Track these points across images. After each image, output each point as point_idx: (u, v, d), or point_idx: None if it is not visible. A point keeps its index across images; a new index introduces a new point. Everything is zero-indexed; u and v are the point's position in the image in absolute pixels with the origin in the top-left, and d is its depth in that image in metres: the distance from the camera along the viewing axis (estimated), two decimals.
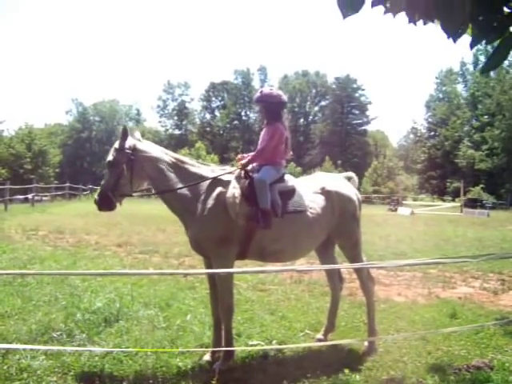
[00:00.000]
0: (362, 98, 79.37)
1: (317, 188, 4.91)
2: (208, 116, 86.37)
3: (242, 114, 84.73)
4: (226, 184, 4.51)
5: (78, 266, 8.51)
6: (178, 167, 4.62)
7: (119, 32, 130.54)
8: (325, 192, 4.88)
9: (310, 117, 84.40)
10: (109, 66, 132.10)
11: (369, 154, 74.59)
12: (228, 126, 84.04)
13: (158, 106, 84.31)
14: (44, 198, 32.04)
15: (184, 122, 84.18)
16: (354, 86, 78.47)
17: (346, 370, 4.10)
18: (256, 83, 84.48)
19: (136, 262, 9.40)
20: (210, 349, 4.45)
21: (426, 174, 63.42)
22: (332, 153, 66.63)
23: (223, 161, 68.55)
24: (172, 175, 4.57)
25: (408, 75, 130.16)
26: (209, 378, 3.89)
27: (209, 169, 4.76)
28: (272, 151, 4.77)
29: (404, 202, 43.93)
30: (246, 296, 6.74)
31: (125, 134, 4.60)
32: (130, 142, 4.60)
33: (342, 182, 5.25)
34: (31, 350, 4.24)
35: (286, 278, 8.24)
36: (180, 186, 4.52)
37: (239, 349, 4.52)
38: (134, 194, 4.74)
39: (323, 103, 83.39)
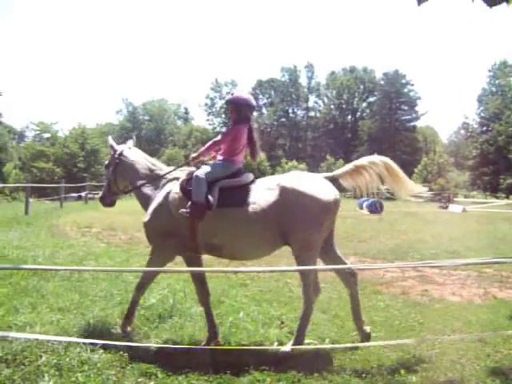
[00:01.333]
0: (411, 94, 77.67)
1: (272, 184, 4.81)
2: (255, 113, 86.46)
3: (289, 111, 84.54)
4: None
5: (131, 263, 8.68)
6: (150, 170, 5.32)
7: (168, 31, 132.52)
8: (279, 188, 4.72)
9: (358, 113, 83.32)
10: (158, 66, 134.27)
11: (418, 150, 72.98)
12: (275, 123, 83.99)
13: (206, 105, 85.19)
14: (96, 196, 32.85)
15: None
16: (403, 81, 76.87)
17: (402, 371, 4.03)
18: (303, 80, 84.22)
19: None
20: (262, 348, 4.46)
21: (478, 171, 61.42)
22: (380, 149, 65.22)
23: (271, 158, 68.70)
24: (143, 176, 5.27)
25: (459, 69, 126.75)
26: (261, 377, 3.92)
27: (177, 171, 5.29)
28: (225, 149, 5.11)
29: (455, 199, 42.86)
30: (297, 294, 6.71)
31: (111, 144, 5.61)
32: (119, 149, 5.49)
33: (307, 180, 4.90)
34: (90, 343, 4.37)
35: (335, 275, 8.16)
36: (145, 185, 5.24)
37: (290, 347, 4.50)
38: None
39: (371, 99, 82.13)
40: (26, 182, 32.25)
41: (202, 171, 4.87)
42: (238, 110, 5.21)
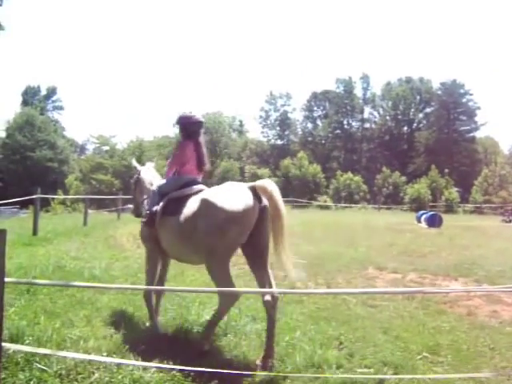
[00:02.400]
0: (470, 103, 75.32)
1: (201, 195, 5.13)
2: (310, 126, 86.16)
3: (344, 122, 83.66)
4: None
5: (186, 276, 8.61)
6: (151, 185, 6.13)
7: (222, 45, 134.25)
8: (200, 198, 5.00)
9: (415, 124, 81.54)
10: (213, 79, 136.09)
11: (478, 161, 70.61)
12: (330, 135, 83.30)
13: (261, 117, 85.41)
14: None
15: (286, 132, 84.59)
16: (462, 90, 74.75)
17: None
18: (358, 91, 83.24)
19: (242, 273, 9.34)
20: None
21: None
22: (438, 161, 63.68)
23: (325, 170, 68.12)
24: (146, 192, 6.15)
25: None
26: None
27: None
28: (173, 164, 5.85)
29: None
30: (356, 312, 6.44)
31: (134, 165, 6.82)
32: (139, 169, 6.55)
33: (223, 191, 5.05)
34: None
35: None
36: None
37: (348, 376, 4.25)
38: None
39: (428, 110, 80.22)
40: (85, 193, 33.17)
41: (156, 185, 5.84)
42: (182, 129, 5.97)
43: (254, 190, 4.90)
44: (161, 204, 5.43)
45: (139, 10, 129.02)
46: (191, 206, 5.06)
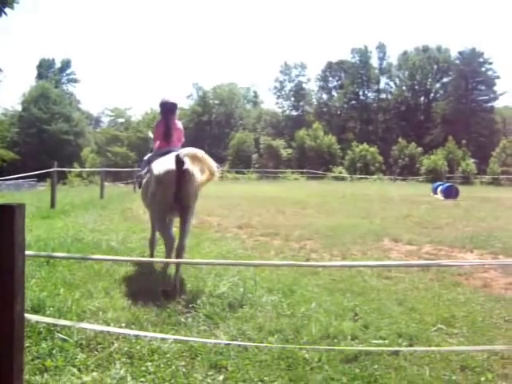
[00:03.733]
0: (489, 73, 73.97)
1: None
2: (325, 96, 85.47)
3: (360, 93, 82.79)
4: None
5: (202, 248, 8.68)
6: None
7: (235, 16, 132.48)
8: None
9: (432, 94, 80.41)
10: (227, 50, 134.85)
11: (496, 132, 69.72)
12: (345, 106, 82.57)
13: (275, 88, 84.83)
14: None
15: (301, 103, 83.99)
16: (480, 59, 73.30)
17: (489, 375, 3.72)
18: (374, 61, 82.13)
19: (257, 245, 9.42)
20: None
21: None
22: (455, 132, 62.98)
23: (341, 141, 67.68)
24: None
25: None
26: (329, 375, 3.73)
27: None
28: (154, 139, 7.14)
29: None
30: (371, 284, 6.45)
31: (150, 137, 7.69)
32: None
33: (162, 159, 6.17)
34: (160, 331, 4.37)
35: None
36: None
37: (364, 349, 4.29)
38: None
39: (445, 80, 78.94)
40: (101, 165, 33.35)
41: (147, 156, 7.27)
42: (160, 110, 7.05)
43: (177, 156, 5.68)
44: (145, 169, 6.87)
45: None
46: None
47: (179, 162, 5.64)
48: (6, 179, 19.97)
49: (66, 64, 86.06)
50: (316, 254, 8.66)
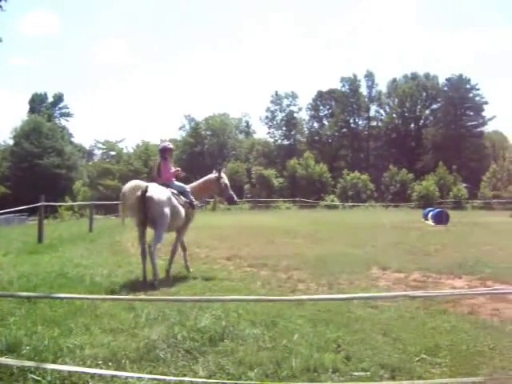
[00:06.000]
0: (477, 98, 75.07)
1: None
2: (316, 125, 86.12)
3: (351, 121, 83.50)
4: None
5: (188, 280, 8.63)
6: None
7: (226, 47, 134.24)
8: None
9: (421, 121, 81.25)
10: (219, 81, 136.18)
11: (486, 156, 70.27)
12: (336, 134, 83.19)
13: (267, 117, 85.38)
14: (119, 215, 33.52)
15: (292, 132, 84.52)
16: (468, 86, 74.47)
17: None
18: (363, 89, 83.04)
19: (245, 276, 9.36)
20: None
21: None
22: (446, 157, 63.51)
23: (333, 170, 67.95)
24: None
25: None
26: None
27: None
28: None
29: None
30: (356, 314, 6.38)
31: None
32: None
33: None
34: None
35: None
36: None
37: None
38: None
39: (435, 106, 79.95)
40: (93, 199, 33.27)
41: None
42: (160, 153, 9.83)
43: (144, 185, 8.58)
44: None
45: (140, 9, 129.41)
46: None
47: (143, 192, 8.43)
48: None
49: (59, 98, 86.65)
50: (303, 284, 8.58)
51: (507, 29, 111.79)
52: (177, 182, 9.59)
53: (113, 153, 66.09)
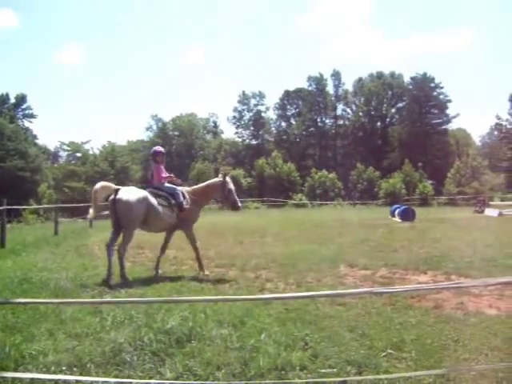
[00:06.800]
0: (441, 97, 76.59)
1: None
2: (284, 124, 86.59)
3: (318, 120, 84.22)
4: None
5: (155, 282, 8.55)
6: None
7: (192, 46, 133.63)
8: None
9: (387, 119, 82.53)
10: (185, 80, 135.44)
11: (451, 153, 71.68)
12: (304, 133, 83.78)
13: (234, 117, 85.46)
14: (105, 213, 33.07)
15: (260, 132, 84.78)
16: (432, 84, 75.90)
17: None
18: (330, 88, 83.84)
19: (212, 276, 9.32)
20: None
21: None
22: (411, 155, 64.51)
23: (301, 168, 68.28)
24: None
25: (489, 68, 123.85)
26: None
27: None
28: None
29: (491, 202, 41.71)
30: (323, 311, 6.41)
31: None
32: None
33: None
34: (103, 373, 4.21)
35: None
36: None
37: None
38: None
39: (400, 104, 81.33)
40: (58, 201, 32.66)
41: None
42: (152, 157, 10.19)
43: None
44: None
45: (106, 12, 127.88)
46: None
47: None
48: None
49: (21, 99, 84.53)
50: (271, 283, 8.59)
51: (469, 29, 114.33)
52: (168, 184, 9.84)
53: (78, 154, 65.04)
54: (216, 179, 10.24)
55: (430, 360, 4.60)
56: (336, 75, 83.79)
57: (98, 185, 9.12)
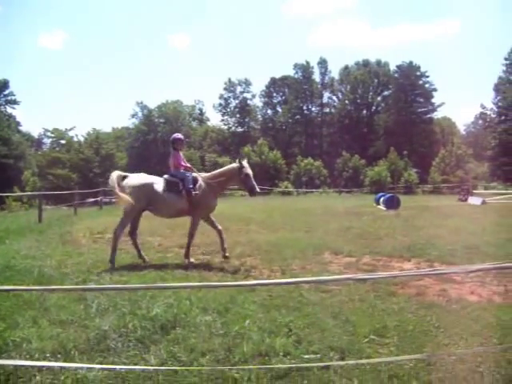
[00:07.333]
0: (427, 85, 76.92)
1: None
2: (270, 112, 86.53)
3: (304, 108, 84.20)
4: None
5: (138, 270, 8.53)
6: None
7: (178, 33, 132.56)
8: None
9: (373, 107, 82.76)
10: (171, 67, 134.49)
11: (436, 142, 72.12)
12: (290, 120, 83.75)
13: (220, 105, 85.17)
14: (113, 200, 32.94)
15: (246, 119, 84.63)
16: (418, 73, 76.14)
17: (415, 383, 3.77)
18: (316, 76, 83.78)
19: (198, 264, 9.34)
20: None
21: (498, 161, 60.33)
22: (397, 143, 64.80)
23: (287, 156, 68.33)
24: None
25: (474, 58, 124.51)
26: None
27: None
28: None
29: (475, 191, 42.07)
30: (308, 298, 6.46)
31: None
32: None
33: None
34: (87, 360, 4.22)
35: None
36: None
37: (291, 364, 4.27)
38: None
39: (386, 93, 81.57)
40: (42, 189, 32.40)
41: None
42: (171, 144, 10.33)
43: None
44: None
45: None
46: None
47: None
48: None
49: (4, 85, 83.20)
50: (256, 270, 8.64)
51: (456, 19, 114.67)
52: (182, 171, 9.90)
53: (63, 141, 64.33)
54: (233, 164, 10.05)
55: (411, 345, 4.68)
56: (322, 63, 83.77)
57: (114, 174, 9.51)
